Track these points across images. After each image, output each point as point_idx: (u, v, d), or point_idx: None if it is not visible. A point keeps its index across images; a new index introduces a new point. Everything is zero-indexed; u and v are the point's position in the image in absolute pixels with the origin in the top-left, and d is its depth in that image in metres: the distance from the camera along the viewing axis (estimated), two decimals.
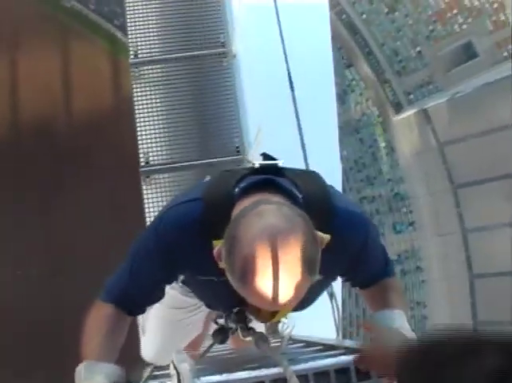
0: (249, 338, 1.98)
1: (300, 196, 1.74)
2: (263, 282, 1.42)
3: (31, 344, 8.64)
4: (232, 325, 2.06)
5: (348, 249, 1.87)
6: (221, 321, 2.17)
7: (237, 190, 1.74)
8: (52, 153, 10.01)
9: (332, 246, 1.60)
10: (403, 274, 18.33)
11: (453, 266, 17.79)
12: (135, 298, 2.00)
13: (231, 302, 1.90)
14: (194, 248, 1.79)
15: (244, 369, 1.65)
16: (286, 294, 1.45)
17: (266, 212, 1.48)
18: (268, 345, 1.87)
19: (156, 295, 2.07)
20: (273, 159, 1.92)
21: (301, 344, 2.61)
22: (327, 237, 1.57)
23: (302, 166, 5.65)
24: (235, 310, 1.95)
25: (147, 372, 2.12)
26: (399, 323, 1.94)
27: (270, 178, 1.74)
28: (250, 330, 1.97)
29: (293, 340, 2.76)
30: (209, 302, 2.31)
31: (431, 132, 17.70)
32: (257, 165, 1.87)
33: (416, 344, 1.41)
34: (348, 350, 1.94)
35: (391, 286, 2.16)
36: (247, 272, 1.43)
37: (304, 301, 1.82)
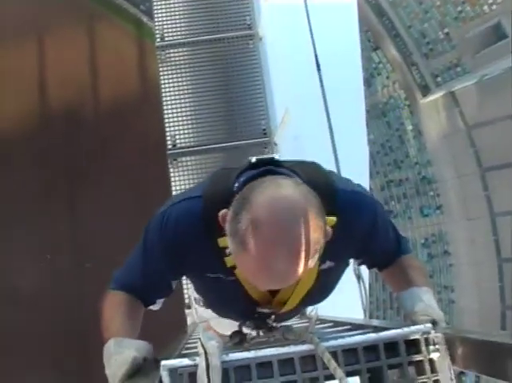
0: (275, 337, 1.93)
1: (301, 182, 1.62)
2: (265, 249, 1.36)
3: (56, 327, 8.76)
4: (252, 331, 2.04)
5: (357, 230, 1.83)
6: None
7: (237, 184, 1.69)
8: (79, 140, 10.06)
9: (340, 229, 1.58)
10: (431, 258, 18.28)
11: (481, 250, 17.70)
12: (143, 291, 1.99)
13: (241, 304, 1.89)
14: (199, 245, 1.76)
15: (272, 346, 1.65)
16: (286, 268, 1.40)
17: (285, 184, 1.46)
18: (295, 333, 1.80)
19: (164, 291, 2.05)
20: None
21: (329, 324, 2.61)
22: (333, 219, 1.55)
23: (329, 149, 5.64)
24: (251, 319, 1.95)
25: (176, 350, 2.13)
26: (427, 302, 1.92)
27: (270, 168, 1.69)
28: (272, 329, 1.96)
29: (320, 320, 2.76)
30: (221, 309, 2.26)
31: (459, 114, 17.58)
32: (253, 160, 1.83)
33: None
34: (376, 329, 1.94)
35: (411, 263, 2.11)
36: (251, 235, 1.37)
37: (321, 290, 1.90)
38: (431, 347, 1.61)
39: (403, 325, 1.76)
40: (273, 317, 1.92)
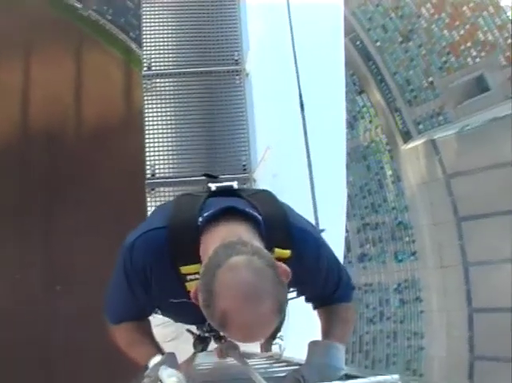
0: (219, 346, 2.19)
1: (260, 218, 1.84)
2: (240, 330, 1.58)
3: (24, 351, 8.59)
4: (205, 334, 2.28)
5: (306, 262, 1.98)
6: (195, 331, 2.37)
7: (201, 219, 1.84)
8: (60, 160, 10.00)
9: (294, 260, 1.81)
10: (402, 304, 18.29)
11: (453, 298, 17.76)
12: (138, 314, 2.17)
13: (202, 319, 1.95)
14: (165, 273, 1.91)
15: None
16: (260, 335, 1.63)
17: (238, 266, 1.57)
18: (238, 352, 2.02)
19: (150, 310, 2.23)
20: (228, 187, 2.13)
21: (296, 367, 2.58)
22: (287, 253, 1.79)
23: (308, 188, 5.63)
24: (207, 326, 2.17)
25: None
26: (334, 360, 2.00)
27: (231, 206, 1.83)
28: (221, 339, 2.20)
29: (287, 362, 2.73)
30: (182, 320, 2.43)
31: (439, 163, 17.74)
32: (213, 188, 2.07)
33: None
34: (345, 376, 1.92)
35: (341, 315, 2.23)
36: (225, 323, 1.56)
37: None
38: None
39: (371, 373, 1.75)
40: None
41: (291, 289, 2.06)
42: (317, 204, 5.42)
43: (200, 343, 2.28)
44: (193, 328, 2.44)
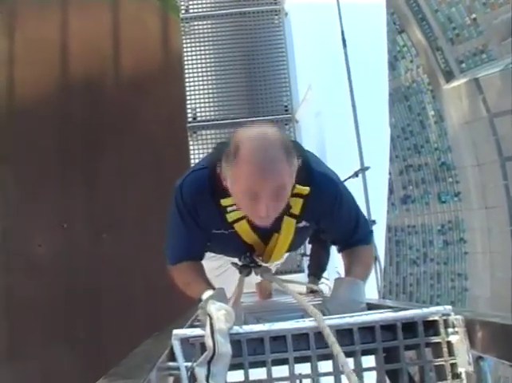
0: (259, 274, 2.46)
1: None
2: (251, 158, 1.84)
3: (70, 297, 8.80)
4: (246, 262, 2.52)
5: (324, 201, 2.28)
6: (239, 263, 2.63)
7: None
8: (99, 111, 10.05)
9: (312, 198, 2.16)
10: (446, 245, 18.23)
11: (497, 239, 17.62)
12: (194, 253, 2.51)
13: (240, 248, 2.44)
14: (208, 206, 2.25)
15: (287, 321, 1.63)
16: (272, 167, 1.85)
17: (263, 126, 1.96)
18: (271, 274, 2.47)
19: (204, 246, 2.55)
20: None
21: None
22: (306, 189, 2.12)
23: (350, 128, 5.58)
24: (245, 255, 2.46)
25: (188, 320, 2.18)
26: (356, 295, 2.18)
27: None
28: (259, 267, 2.45)
29: (324, 297, 2.77)
30: (226, 253, 2.77)
31: (482, 102, 17.40)
32: None
33: None
34: (394, 309, 1.91)
35: (361, 256, 2.46)
36: (237, 150, 1.86)
37: (296, 242, 2.42)
38: (450, 329, 1.58)
39: (421, 305, 1.73)
40: (261, 257, 2.44)
41: (312, 222, 2.36)
42: (361, 143, 5.38)
43: (245, 269, 2.50)
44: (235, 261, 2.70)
